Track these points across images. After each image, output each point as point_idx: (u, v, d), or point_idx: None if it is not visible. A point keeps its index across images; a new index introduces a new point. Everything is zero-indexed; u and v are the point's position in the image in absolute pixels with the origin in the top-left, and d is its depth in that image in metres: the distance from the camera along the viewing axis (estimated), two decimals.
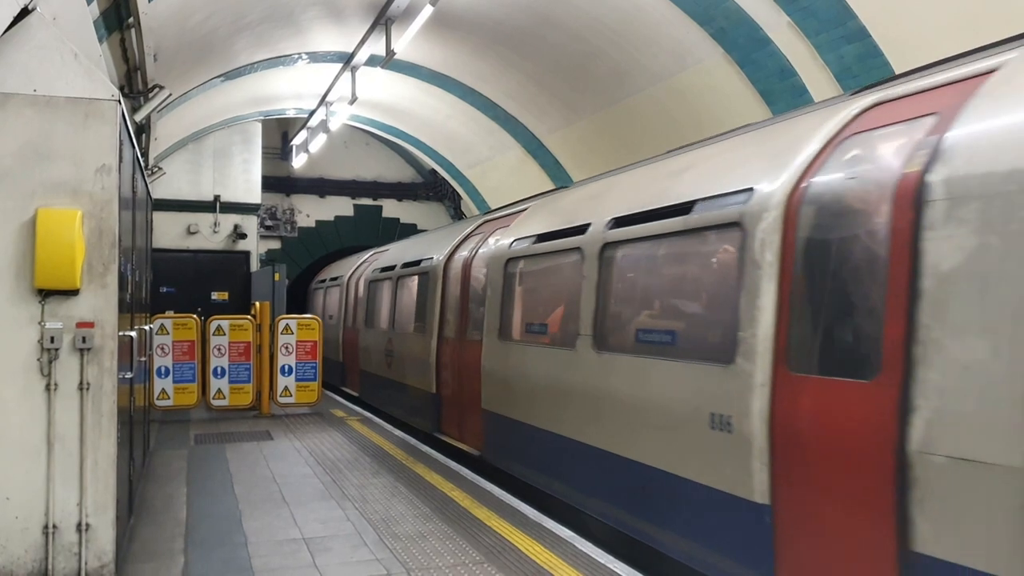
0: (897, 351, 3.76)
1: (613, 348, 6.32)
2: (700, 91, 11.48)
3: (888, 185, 3.99)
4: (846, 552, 4.01)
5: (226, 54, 12.91)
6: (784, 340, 4.49)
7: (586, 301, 6.68)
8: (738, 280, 4.82)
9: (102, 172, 5.04)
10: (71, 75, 5.00)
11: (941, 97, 4.11)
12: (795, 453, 4.34)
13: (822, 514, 4.17)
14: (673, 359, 5.48)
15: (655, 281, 6.24)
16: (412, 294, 12.35)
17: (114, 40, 8.42)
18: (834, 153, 4.55)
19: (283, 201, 24.76)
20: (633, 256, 6.43)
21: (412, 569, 5.49)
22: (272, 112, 19.60)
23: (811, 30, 9.26)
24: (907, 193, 3.83)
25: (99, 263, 5.04)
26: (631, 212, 6.32)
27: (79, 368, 4.99)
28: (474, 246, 10.21)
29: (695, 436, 5.08)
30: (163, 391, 11.95)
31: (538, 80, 14.20)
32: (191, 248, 19.14)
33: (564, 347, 7.01)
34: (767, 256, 4.63)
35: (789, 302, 4.51)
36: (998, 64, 3.95)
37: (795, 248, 4.54)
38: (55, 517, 4.92)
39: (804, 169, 4.65)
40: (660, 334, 5.81)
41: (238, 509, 7.07)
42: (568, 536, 6.19)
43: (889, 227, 3.94)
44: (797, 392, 4.36)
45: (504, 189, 18.77)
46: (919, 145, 3.92)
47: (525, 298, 8.36)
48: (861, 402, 3.95)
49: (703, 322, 5.56)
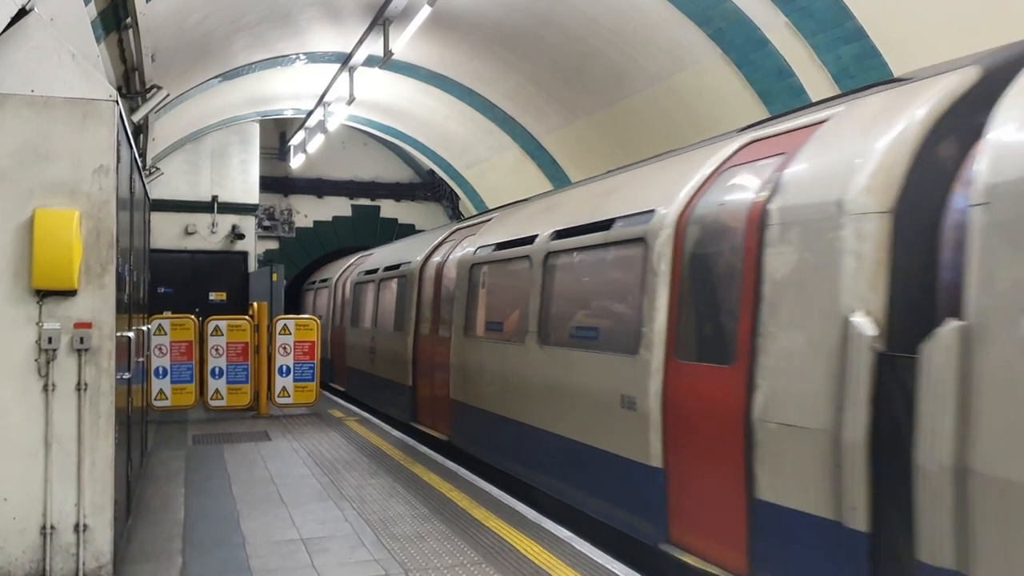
0: (747, 342, 4.76)
1: (553, 343, 7.39)
2: (698, 91, 11.49)
3: (743, 211, 5.03)
4: (715, 502, 5.05)
5: (224, 54, 12.91)
6: (673, 333, 5.58)
7: (533, 302, 7.74)
8: (642, 285, 5.90)
9: (100, 173, 5.03)
10: (69, 76, 4.99)
11: (790, 140, 5.13)
12: (680, 425, 5.41)
13: (699, 473, 5.23)
14: (596, 351, 6.57)
15: (584, 285, 7.35)
16: (392, 295, 13.31)
17: (112, 40, 8.41)
18: (715, 183, 5.61)
19: (281, 201, 24.75)
20: (569, 264, 7.49)
21: (410, 569, 5.49)
22: (270, 112, 19.59)
23: (809, 31, 9.27)
24: (755, 218, 4.85)
25: (97, 263, 5.04)
26: (568, 226, 7.43)
27: (77, 369, 4.99)
28: (446, 252, 11.24)
29: (610, 414, 6.13)
30: (161, 391, 11.95)
31: (536, 80, 14.21)
32: (189, 248, 19.12)
33: (516, 342, 8.04)
34: (662, 266, 5.74)
35: (678, 303, 5.60)
36: (829, 116, 4.98)
37: (683, 260, 5.62)
38: (53, 518, 4.91)
39: (691, 195, 5.74)
40: (587, 330, 6.96)
41: (236, 510, 7.07)
42: (566, 536, 6.19)
43: (743, 245, 4.95)
44: (681, 376, 5.42)
45: (502, 189, 18.77)
46: (768, 180, 4.95)
47: (486, 299, 9.41)
48: (723, 383, 4.96)
49: (618, 320, 6.51)
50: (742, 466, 4.74)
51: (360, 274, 16.31)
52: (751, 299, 4.78)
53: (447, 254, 11.12)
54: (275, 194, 24.34)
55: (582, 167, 15.15)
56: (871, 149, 4.28)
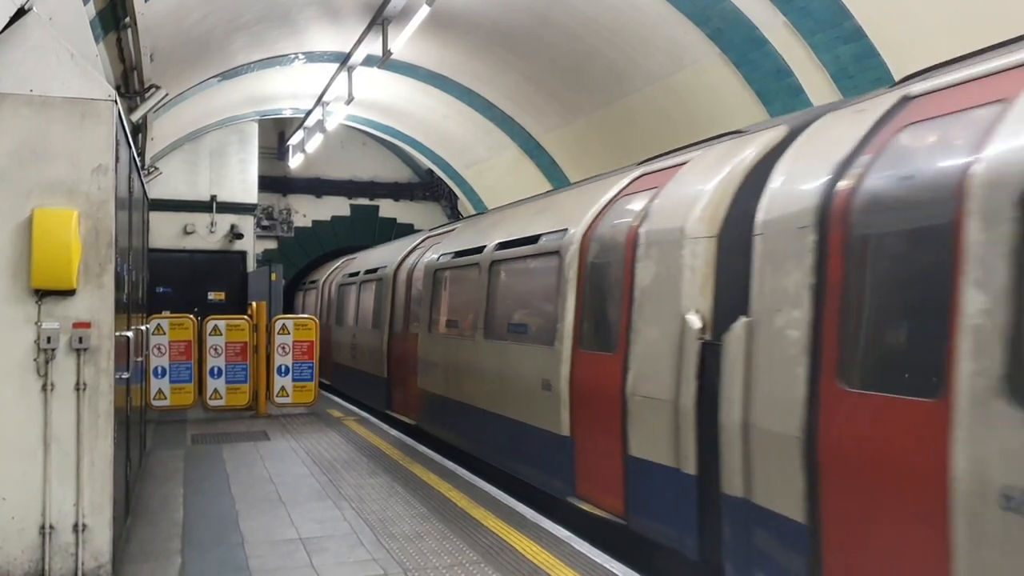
0: (623, 334, 6.11)
1: (495, 337, 8.78)
2: (696, 91, 11.50)
3: (624, 233, 6.36)
4: (604, 461, 6.35)
5: (223, 54, 12.90)
6: (578, 328, 6.94)
7: (481, 302, 9.11)
8: (557, 289, 7.27)
9: (98, 172, 5.03)
10: (67, 75, 4.99)
11: (662, 177, 6.43)
12: (582, 402, 6.74)
13: (595, 438, 6.53)
14: (525, 344, 7.99)
15: (518, 288, 8.82)
16: (371, 296, 14.78)
17: (110, 40, 8.41)
18: (611, 208, 6.92)
19: (280, 201, 24.74)
20: (508, 270, 8.90)
21: (409, 569, 5.49)
22: (269, 112, 19.59)
23: (807, 30, 9.27)
24: (631, 239, 6.20)
25: (95, 263, 5.04)
26: (508, 239, 8.83)
27: (76, 368, 4.99)
28: (416, 258, 12.65)
29: (535, 395, 7.52)
30: (160, 391, 11.94)
31: (535, 80, 14.21)
32: (188, 248, 19.13)
33: (468, 337, 9.48)
34: (571, 274, 7.08)
35: (582, 304, 6.96)
36: (689, 158, 6.29)
37: (585, 269, 6.97)
38: (52, 517, 4.91)
39: (594, 218, 7.08)
40: (519, 326, 8.42)
41: (235, 509, 7.07)
42: (565, 536, 6.20)
43: (623, 259, 6.28)
44: (583, 362, 6.78)
45: (501, 189, 18.77)
46: (642, 209, 6.28)
47: (446, 300, 10.85)
48: (610, 367, 6.25)
49: (541, 317, 7.85)
50: (620, 431, 6.07)
51: (344, 276, 17.64)
52: (627, 301, 6.11)
53: (417, 260, 12.48)
54: (274, 194, 24.32)
55: (581, 167, 15.16)
56: (705, 189, 5.62)
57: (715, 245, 5.42)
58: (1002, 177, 3.31)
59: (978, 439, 3.28)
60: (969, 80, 3.95)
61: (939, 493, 3.41)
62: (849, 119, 4.71)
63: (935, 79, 4.24)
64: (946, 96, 4.04)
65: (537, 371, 7.44)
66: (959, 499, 3.33)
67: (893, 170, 4.08)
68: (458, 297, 10.45)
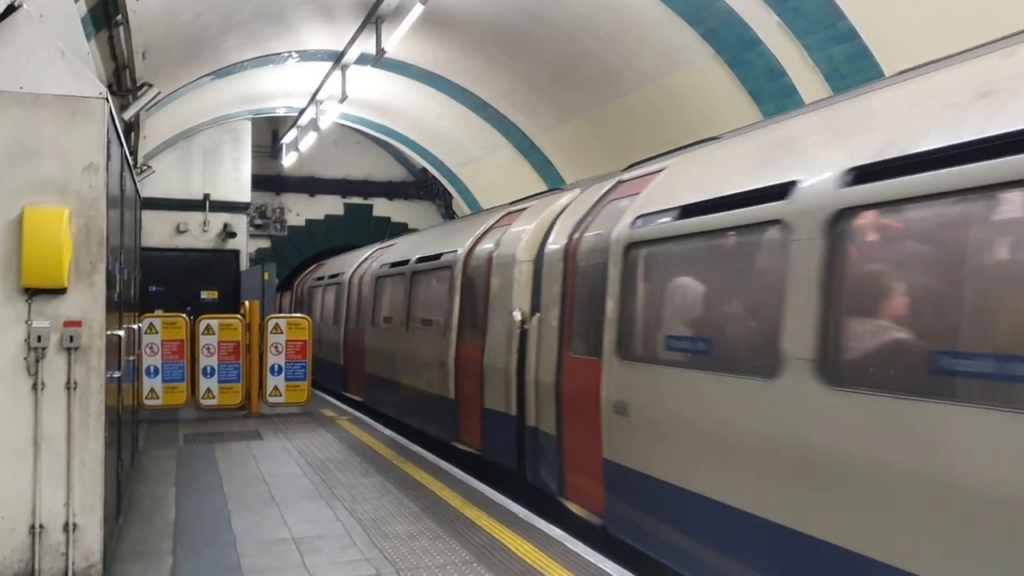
0: (484, 324, 8.61)
1: (411, 328, 11.60)
2: (691, 91, 11.50)
3: (486, 255, 8.97)
4: (472, 414, 8.96)
5: (216, 52, 12.87)
6: (461, 323, 9.48)
7: (404, 302, 11.88)
8: (448, 294, 9.87)
9: (89, 170, 5.01)
10: (58, 72, 4.96)
11: (513, 218, 9.06)
12: (462, 374, 9.29)
13: (468, 399, 9.08)
14: (431, 332, 10.60)
15: (428, 293, 11.25)
16: (332, 297, 17.40)
17: (102, 38, 8.38)
18: (486, 236, 9.47)
19: (273, 200, 24.71)
20: (422, 279, 11.52)
21: (402, 569, 5.48)
22: (262, 110, 19.55)
23: (801, 30, 9.28)
24: (489, 260, 8.79)
25: (86, 262, 5.01)
26: (422, 255, 11.61)
27: (66, 367, 4.96)
28: (366, 266, 15.24)
29: (428, 371, 10.40)
30: (152, 390, 11.89)
31: (529, 80, 14.20)
32: (180, 247, 19.08)
33: (397, 329, 12.33)
34: (457, 283, 9.68)
35: (463, 304, 9.51)
36: (525, 207, 9.04)
37: (465, 279, 9.57)
38: (42, 517, 4.88)
39: (474, 243, 9.66)
40: (427, 320, 11.01)
41: (227, 509, 7.05)
42: (558, 535, 6.19)
43: (485, 274, 8.86)
44: (463, 346, 9.32)
45: (495, 189, 18.77)
46: (498, 240, 8.82)
47: (385, 300, 13.50)
48: (477, 349, 8.76)
49: (440, 314, 10.30)
50: (480, 390, 8.64)
51: (314, 280, 20.00)
52: (485, 303, 8.70)
53: (367, 268, 15.11)
54: (267, 192, 24.29)
55: (575, 167, 15.16)
56: (528, 229, 8.13)
57: (532, 267, 7.85)
58: (619, 237, 6.02)
59: (609, 378, 5.97)
60: (640, 176, 6.56)
61: (598, 405, 6.07)
62: (591, 192, 7.35)
63: (636, 170, 6.83)
64: (629, 185, 6.65)
65: (438, 353, 10.00)
66: (604, 408, 6.00)
67: (593, 229, 6.77)
68: (392, 298, 13.08)
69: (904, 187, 3.63)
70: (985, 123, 3.40)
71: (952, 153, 3.43)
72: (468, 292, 9.39)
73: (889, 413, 3.55)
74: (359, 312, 14.89)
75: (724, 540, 4.65)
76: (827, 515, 3.86)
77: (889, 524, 3.53)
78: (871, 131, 4.13)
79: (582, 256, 6.79)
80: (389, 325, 12.96)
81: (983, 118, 3.44)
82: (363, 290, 14.78)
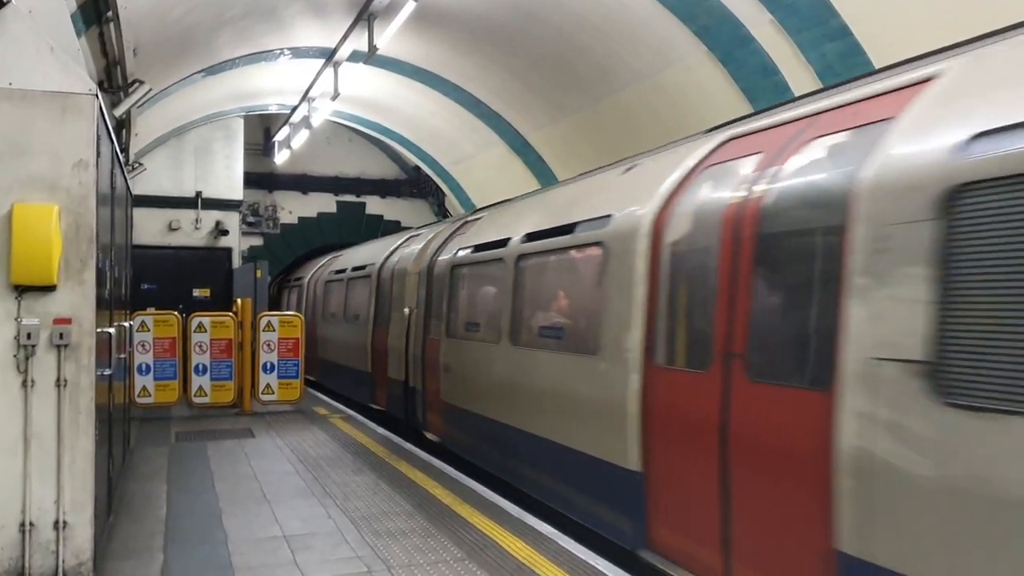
0: (387, 316, 12.50)
1: (345, 321, 15.42)
2: (684, 89, 11.51)
3: (392, 266, 12.47)
4: (381, 383, 12.52)
5: (208, 49, 12.82)
6: (377, 316, 13.20)
7: (341, 300, 15.76)
8: (368, 297, 13.75)
9: (79, 167, 4.98)
10: (48, 69, 4.94)
11: (413, 238, 13.01)
12: (375, 355, 12.88)
13: (380, 371, 12.67)
14: (356, 324, 14.24)
15: (355, 294, 14.93)
16: (295, 295, 21.48)
17: (92, 34, 8.34)
18: (393, 254, 13.02)
19: (265, 197, 24.62)
20: (353, 284, 15.13)
21: (393, 566, 5.47)
22: (254, 108, 19.49)
23: (793, 28, 9.29)
24: (396, 269, 12.38)
25: (76, 259, 4.99)
26: (353, 265, 15.31)
27: (56, 365, 4.94)
28: (318, 273, 19.26)
29: (361, 353, 13.70)
30: (144, 388, 11.86)
31: (522, 77, 14.19)
32: (172, 244, 19.03)
33: (335, 321, 16.25)
34: (373, 288, 13.54)
35: (377, 303, 13.28)
36: (422, 232, 13.04)
37: (381, 286, 13.11)
38: (32, 515, 4.86)
39: (385, 258, 13.34)
40: (354, 314, 14.77)
41: (219, 507, 7.04)
42: (550, 533, 6.19)
43: (390, 280, 12.60)
44: (377, 334, 13.02)
45: (489, 187, 18.75)
46: (400, 255, 12.72)
47: (329, 300, 17.36)
48: (384, 334, 12.46)
49: (363, 310, 13.83)
50: (384, 368, 12.09)
51: (288, 280, 23.99)
52: (388, 303, 12.13)
53: (318, 274, 19.16)
54: (259, 190, 24.20)
55: (569, 165, 15.15)
56: (415, 249, 11.15)
57: (417, 277, 10.96)
58: (447, 261, 9.96)
59: (442, 349, 9.75)
60: (467, 221, 10.05)
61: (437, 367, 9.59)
62: (447, 227, 10.52)
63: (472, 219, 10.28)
64: (465, 226, 10.52)
65: (360, 340, 13.83)
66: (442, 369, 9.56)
67: (441, 255, 10.28)
68: (334, 298, 16.98)
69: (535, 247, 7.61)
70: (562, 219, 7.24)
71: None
72: (382, 295, 13.20)
73: (518, 355, 7.57)
74: (315, 308, 18.26)
75: (487, 435, 8.25)
76: (512, 411, 7.59)
77: (540, 409, 7.03)
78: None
79: (435, 272, 10.28)
80: (333, 319, 16.75)
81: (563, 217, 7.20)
82: (318, 290, 17.55)
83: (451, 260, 9.72)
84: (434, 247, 10.74)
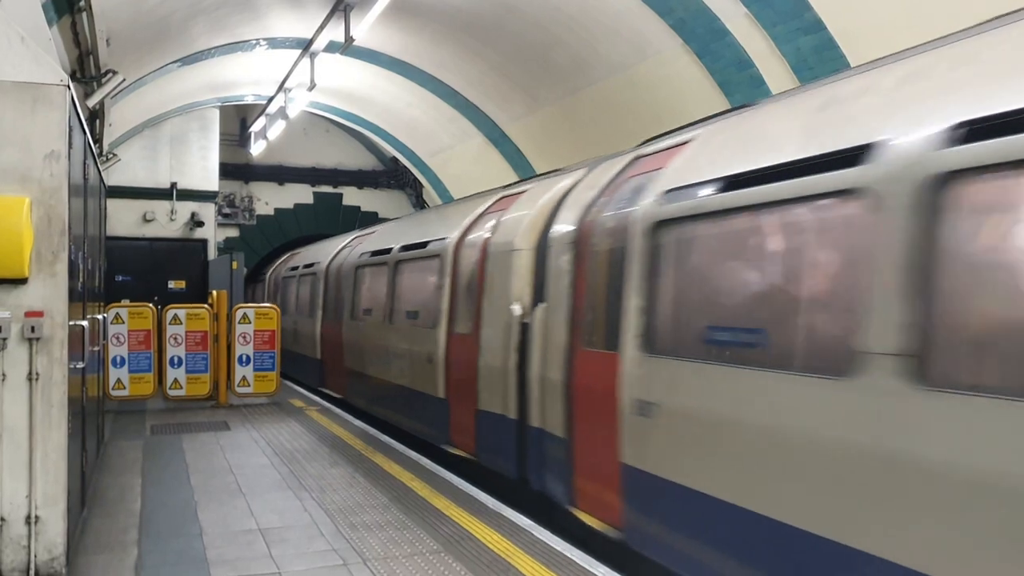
0: (292, 308, 17.58)
1: (296, 314, 16.85)
2: (659, 81, 11.54)
3: (317, 269, 15.55)
4: (337, 371, 13.68)
5: (183, 39, 12.70)
6: (323, 310, 15.13)
7: (293, 296, 17.46)
8: (311, 294, 16.48)
9: (51, 158, 4.93)
10: (17, 59, 4.88)
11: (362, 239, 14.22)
12: (325, 344, 14.54)
13: (331, 358, 14.07)
14: (307, 317, 15.86)
15: (303, 292, 17.13)
16: (263, 289, 22.28)
17: (65, 24, 8.24)
18: (339, 254, 14.19)
19: (241, 188, 24.49)
20: (303, 282, 17.19)
21: (369, 559, 5.48)
22: (230, 98, 19.34)
23: (768, 22, 9.34)
24: (326, 269, 14.95)
25: (48, 251, 4.94)
26: (303, 264, 17.65)
27: (28, 358, 4.89)
28: (280, 270, 20.25)
29: (311, 342, 15.43)
30: (119, 381, 11.78)
31: (499, 68, 14.17)
32: (147, 236, 18.87)
33: (309, 317, 16.01)
34: (320, 287, 15.17)
35: (325, 302, 15.17)
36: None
37: (328, 283, 14.64)
38: (3, 510, 4.82)
39: (332, 257, 14.56)
40: (303, 310, 16.66)
41: (194, 500, 7.01)
42: (526, 525, 6.23)
43: (323, 281, 15.24)
44: (327, 326, 14.70)
45: (466, 178, 18.73)
46: (330, 262, 14.95)
47: (295, 295, 17.89)
48: (312, 324, 15.40)
49: (311, 305, 15.93)
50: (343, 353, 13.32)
51: (267, 274, 23.45)
52: (323, 301, 14.90)
53: (279, 271, 20.36)
54: (235, 181, 24.07)
55: (546, 156, 15.16)
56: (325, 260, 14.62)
57: (325, 275, 14.16)
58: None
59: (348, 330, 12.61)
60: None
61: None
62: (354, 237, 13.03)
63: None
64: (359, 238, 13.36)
65: (310, 330, 15.44)
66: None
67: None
68: (290, 293, 18.54)
69: None
70: None
71: None
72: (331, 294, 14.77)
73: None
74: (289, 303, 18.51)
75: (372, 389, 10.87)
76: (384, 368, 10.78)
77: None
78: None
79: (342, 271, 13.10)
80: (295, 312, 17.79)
81: None
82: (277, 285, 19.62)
83: (355, 262, 13.00)
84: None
